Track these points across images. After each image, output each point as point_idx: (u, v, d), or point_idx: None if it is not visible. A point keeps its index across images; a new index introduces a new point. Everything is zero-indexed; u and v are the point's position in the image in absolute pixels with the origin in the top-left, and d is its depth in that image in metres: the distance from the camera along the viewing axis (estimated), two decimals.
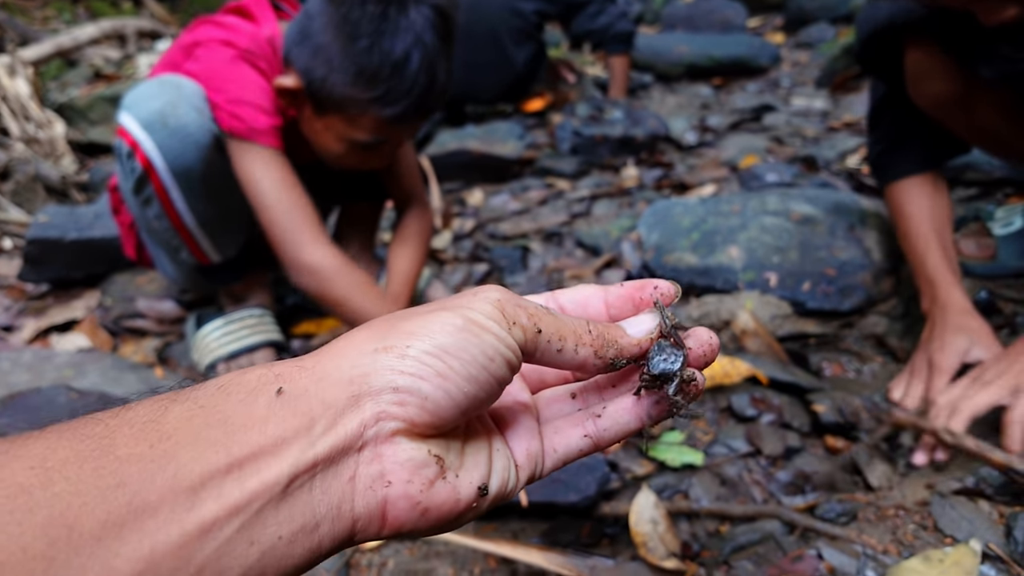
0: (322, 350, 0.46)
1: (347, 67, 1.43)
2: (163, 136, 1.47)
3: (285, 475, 0.39)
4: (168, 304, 2.09)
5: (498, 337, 0.45)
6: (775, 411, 1.48)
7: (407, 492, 0.44)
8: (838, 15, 4.74)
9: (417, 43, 1.43)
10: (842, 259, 1.85)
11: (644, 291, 0.54)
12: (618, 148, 3.09)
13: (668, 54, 4.23)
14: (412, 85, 1.45)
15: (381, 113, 1.47)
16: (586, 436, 0.53)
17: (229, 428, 0.39)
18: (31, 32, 4.62)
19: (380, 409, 0.43)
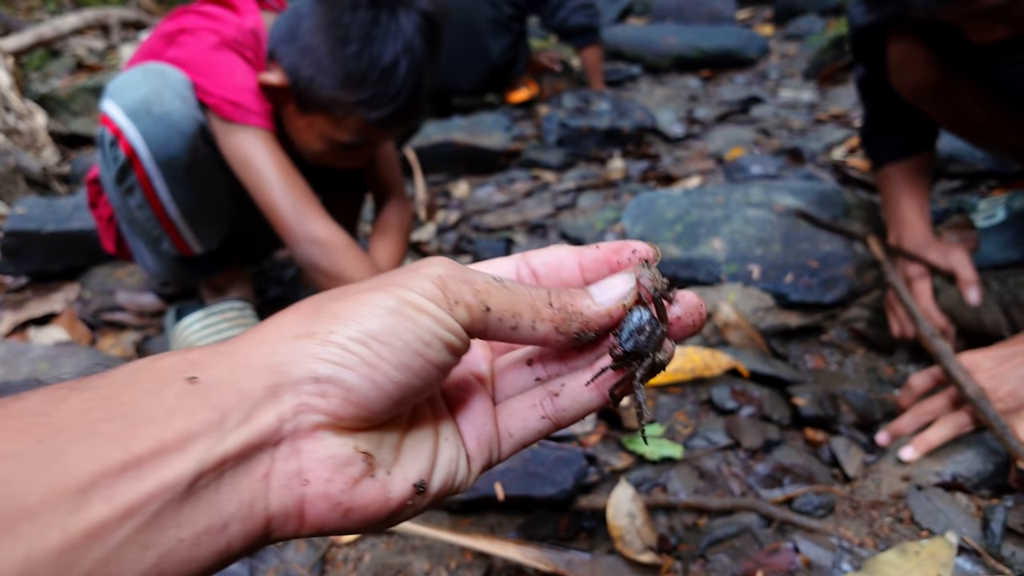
0: (244, 335, 0.42)
1: (335, 70, 1.44)
2: (147, 124, 1.45)
3: (189, 473, 0.35)
4: (148, 297, 2.07)
5: (436, 319, 0.41)
6: (755, 404, 1.47)
7: (327, 492, 0.40)
8: (827, 7, 4.73)
9: (406, 50, 1.44)
10: (825, 251, 1.85)
11: (621, 254, 0.49)
12: (604, 140, 3.08)
13: (656, 45, 4.22)
14: (399, 91, 1.46)
15: (366, 116, 1.48)
16: (544, 418, 0.49)
17: (131, 421, 0.35)
18: (14, 22, 4.57)
19: (300, 401, 0.39)
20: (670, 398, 1.52)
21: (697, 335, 1.71)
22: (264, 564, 1.19)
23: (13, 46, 3.22)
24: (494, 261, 0.51)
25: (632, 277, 0.46)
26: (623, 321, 0.45)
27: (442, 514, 1.26)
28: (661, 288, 0.46)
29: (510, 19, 3.55)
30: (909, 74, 1.60)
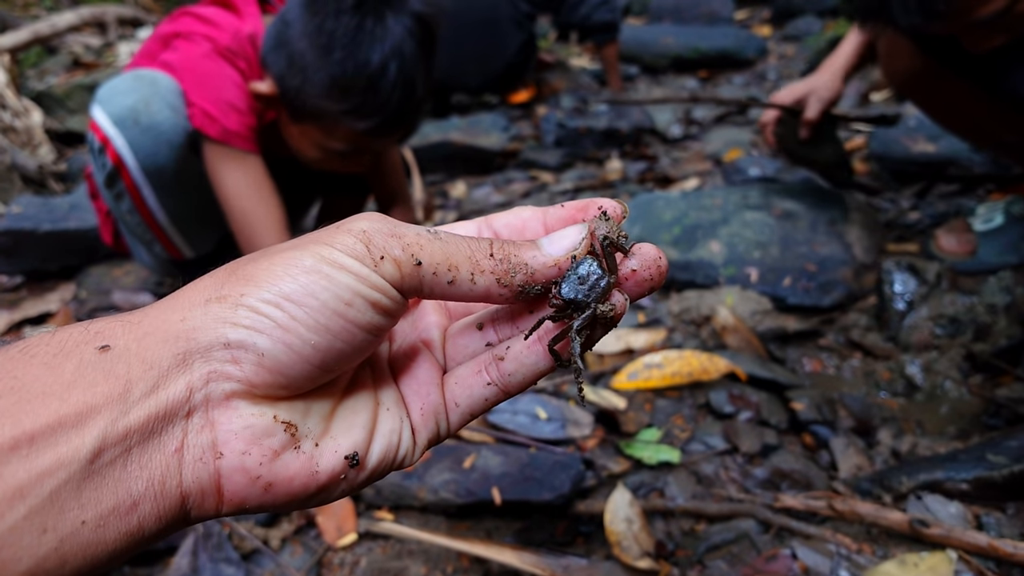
0: (156, 303, 0.39)
1: (321, 78, 1.39)
2: (134, 134, 1.44)
3: (88, 449, 0.33)
4: (144, 297, 2.07)
5: (358, 276, 0.38)
6: (753, 408, 1.47)
7: (243, 465, 0.37)
8: (825, 8, 4.73)
9: (394, 55, 1.38)
10: (823, 254, 1.85)
11: (587, 211, 0.45)
12: (602, 140, 3.07)
13: (654, 46, 4.21)
14: (387, 98, 1.41)
15: (355, 126, 1.44)
16: (490, 384, 0.45)
17: (23, 396, 0.32)
18: (11, 19, 4.55)
19: (211, 368, 0.36)
20: (667, 402, 1.51)
21: (693, 340, 1.71)
22: (260, 568, 1.18)
23: (9, 43, 3.20)
24: (456, 224, 0.48)
25: (584, 228, 0.43)
26: (568, 271, 0.42)
27: (439, 518, 1.26)
28: (619, 242, 0.43)
29: (525, 17, 3.55)
30: (899, 62, 1.66)
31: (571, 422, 1.41)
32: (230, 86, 1.50)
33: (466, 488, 1.22)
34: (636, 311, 1.83)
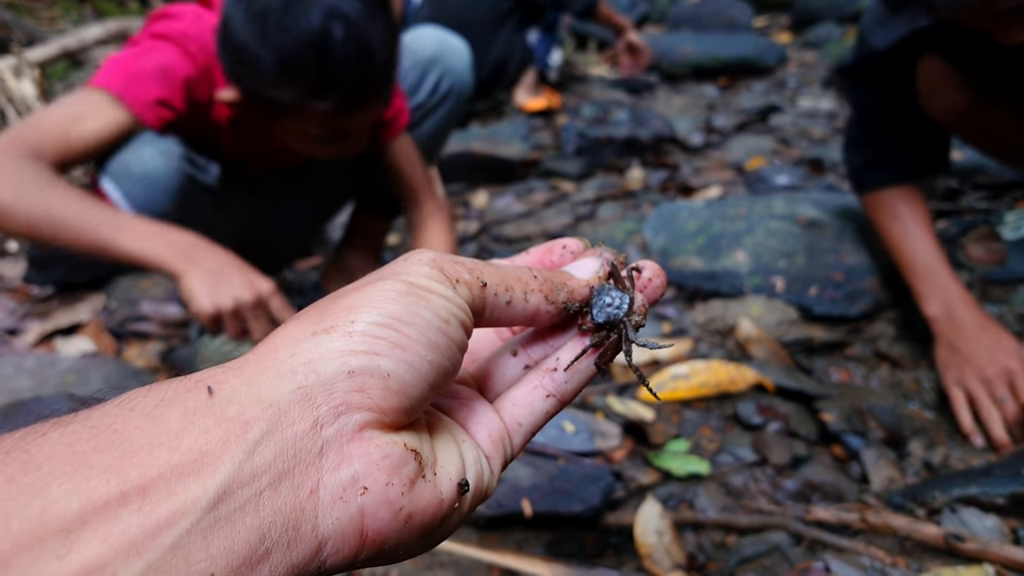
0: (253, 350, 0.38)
1: (267, 64, 1.28)
2: (129, 186, 1.40)
3: (210, 495, 0.31)
4: (172, 307, 2.09)
5: (446, 297, 0.39)
6: (781, 419, 1.46)
7: (388, 497, 0.36)
8: (845, 15, 4.71)
9: (333, 15, 1.26)
10: (850, 264, 1.84)
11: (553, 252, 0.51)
12: (623, 149, 3.08)
13: (674, 54, 4.21)
14: (342, 67, 1.29)
15: (319, 107, 1.33)
16: (549, 396, 0.47)
17: (127, 449, 0.31)
18: (37, 32, 4.62)
19: (338, 401, 0.35)
20: (695, 413, 1.51)
21: (719, 350, 1.71)
22: None
23: (38, 57, 3.26)
24: None
25: (599, 258, 0.49)
26: (593, 300, 0.48)
27: (468, 530, 1.26)
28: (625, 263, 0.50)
29: (508, 13, 3.59)
30: (941, 98, 1.58)
31: (599, 434, 1.42)
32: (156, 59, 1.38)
33: (496, 500, 1.22)
34: (661, 322, 1.83)
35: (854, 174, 1.75)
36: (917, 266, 1.57)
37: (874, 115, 1.73)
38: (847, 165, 1.78)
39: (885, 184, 1.68)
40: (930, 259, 1.56)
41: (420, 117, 1.77)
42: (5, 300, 2.25)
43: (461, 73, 1.77)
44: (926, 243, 1.57)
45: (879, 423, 1.45)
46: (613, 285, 0.48)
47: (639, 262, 0.51)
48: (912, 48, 1.58)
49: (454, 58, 1.72)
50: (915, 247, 1.58)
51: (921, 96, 1.62)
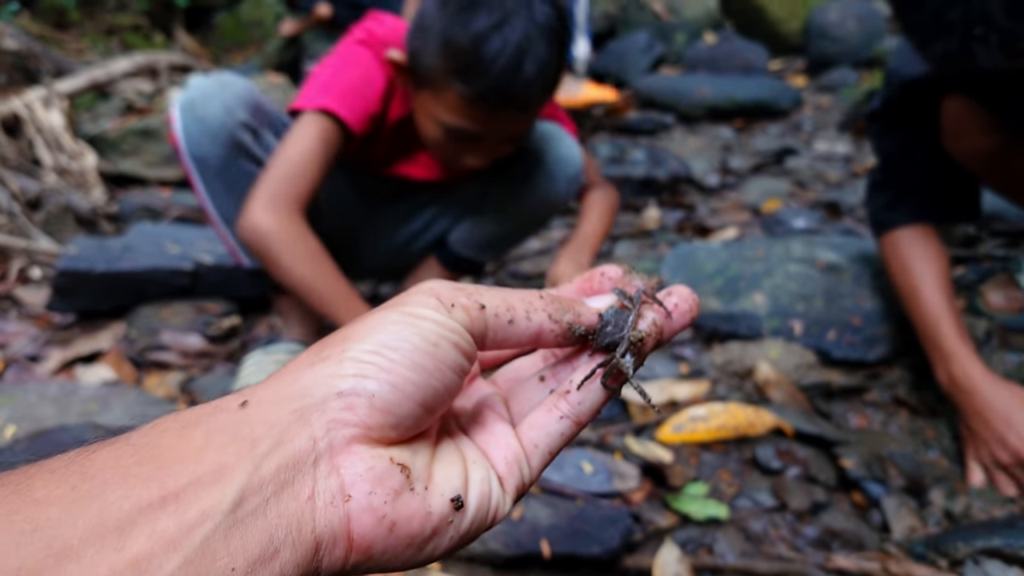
0: (262, 381, 0.43)
1: (435, 34, 1.42)
2: (188, 120, 1.54)
3: (229, 500, 0.36)
4: (193, 337, 2.11)
5: (437, 322, 0.43)
6: (800, 464, 1.46)
7: (371, 504, 0.40)
8: (860, 59, 4.76)
9: (506, 22, 1.38)
10: (868, 308, 1.84)
11: (593, 280, 0.54)
12: (640, 189, 3.10)
13: (690, 95, 4.26)
14: (491, 64, 1.39)
15: (460, 90, 1.43)
16: (563, 417, 0.49)
17: (162, 462, 0.36)
18: (66, 63, 4.73)
19: (329, 418, 0.40)
20: (714, 456, 1.51)
21: (737, 392, 1.71)
22: None
23: (68, 88, 3.34)
24: None
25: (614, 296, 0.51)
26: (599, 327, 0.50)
27: (485, 569, 1.26)
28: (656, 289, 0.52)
29: None
30: (967, 141, 1.53)
31: (617, 475, 1.41)
32: (357, 71, 1.56)
33: (515, 539, 1.22)
34: (679, 362, 1.83)
35: (874, 215, 1.73)
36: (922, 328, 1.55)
37: (899, 158, 1.70)
38: (868, 207, 1.76)
39: (903, 223, 1.65)
40: (933, 317, 1.52)
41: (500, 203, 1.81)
42: (28, 327, 2.28)
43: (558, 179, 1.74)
44: (930, 297, 1.54)
45: (899, 470, 1.44)
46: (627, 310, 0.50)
47: (671, 287, 0.52)
48: (938, 86, 1.55)
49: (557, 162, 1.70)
50: (919, 304, 1.56)
51: (945, 137, 1.58)
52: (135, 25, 6.65)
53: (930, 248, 1.62)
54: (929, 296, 1.55)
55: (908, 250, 1.62)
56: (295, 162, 1.48)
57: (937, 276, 1.57)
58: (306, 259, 1.46)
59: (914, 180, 1.67)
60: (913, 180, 1.67)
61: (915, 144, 1.66)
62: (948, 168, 1.62)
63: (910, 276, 1.59)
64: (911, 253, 1.61)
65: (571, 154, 1.76)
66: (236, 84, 1.59)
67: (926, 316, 1.54)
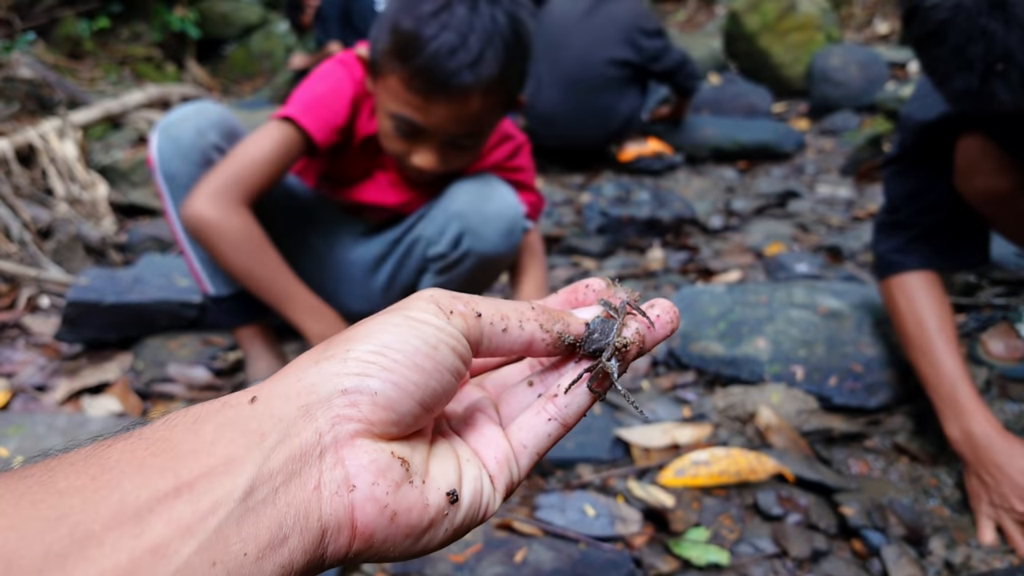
0: (270, 377, 0.46)
1: (387, 23, 1.48)
2: (163, 140, 1.62)
3: (240, 490, 0.38)
4: (199, 370, 2.13)
5: (437, 327, 0.46)
6: (801, 511, 1.47)
7: (373, 494, 0.43)
8: (861, 105, 4.82)
9: (448, 10, 1.42)
10: (869, 355, 1.86)
11: (577, 292, 0.57)
12: (644, 229, 3.14)
13: (694, 136, 4.32)
14: (426, 44, 1.41)
15: (398, 70, 1.46)
16: (551, 419, 0.52)
17: (176, 454, 0.38)
18: (79, 93, 4.80)
19: (334, 414, 0.43)
20: (715, 500, 1.52)
21: (739, 437, 1.72)
22: None
23: (82, 120, 3.39)
24: None
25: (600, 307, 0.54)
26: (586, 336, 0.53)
27: None
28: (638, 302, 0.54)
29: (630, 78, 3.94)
30: (981, 181, 1.51)
31: (619, 519, 1.42)
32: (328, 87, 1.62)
33: None
34: (681, 405, 1.85)
35: (881, 257, 1.72)
36: (933, 380, 1.53)
37: (911, 201, 1.69)
38: (875, 248, 1.75)
39: (912, 268, 1.64)
40: (947, 371, 1.51)
41: (442, 267, 1.75)
42: (35, 356, 2.29)
43: (486, 237, 1.66)
44: (943, 350, 1.53)
45: (899, 519, 1.45)
46: (612, 319, 0.53)
47: (653, 300, 0.55)
48: (954, 128, 1.54)
49: (486, 222, 1.64)
50: (931, 356, 1.54)
51: (958, 176, 1.56)
52: (148, 56, 6.76)
53: (938, 297, 1.61)
54: (942, 350, 1.53)
55: (918, 298, 1.61)
56: (246, 159, 1.54)
57: (949, 329, 1.56)
58: (247, 248, 1.52)
59: (926, 224, 1.66)
60: (925, 224, 1.66)
61: (928, 188, 1.65)
62: (959, 213, 1.61)
63: (922, 327, 1.58)
64: (921, 302, 1.60)
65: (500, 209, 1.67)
66: (211, 110, 1.66)
67: (940, 371, 1.52)
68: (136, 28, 7.01)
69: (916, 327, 1.59)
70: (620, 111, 3.99)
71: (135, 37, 6.95)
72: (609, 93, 3.92)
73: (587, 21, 3.89)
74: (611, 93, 3.93)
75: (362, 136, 1.71)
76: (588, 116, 3.96)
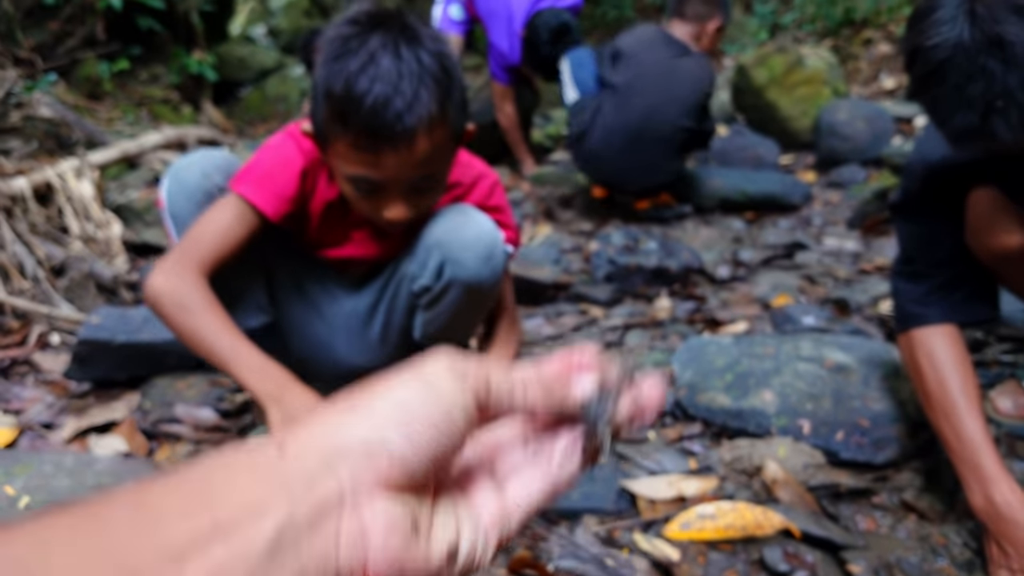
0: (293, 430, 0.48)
1: (320, 90, 1.47)
2: (171, 183, 1.68)
3: (270, 534, 0.40)
4: (206, 411, 2.13)
5: (451, 389, 0.48)
6: (808, 568, 1.45)
7: (385, 546, 0.45)
8: (868, 158, 4.86)
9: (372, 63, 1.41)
10: (876, 410, 1.86)
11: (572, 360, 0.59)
12: (652, 278, 3.15)
13: (703, 186, 4.36)
14: (360, 103, 1.40)
15: (342, 135, 1.46)
16: (544, 482, 0.55)
17: (211, 494, 0.41)
18: (97, 133, 4.90)
19: (354, 465, 0.45)
20: (721, 555, 1.50)
21: (745, 490, 1.71)
22: None
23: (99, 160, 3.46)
24: None
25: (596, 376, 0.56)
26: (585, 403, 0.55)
27: None
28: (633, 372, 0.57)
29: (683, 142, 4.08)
30: (993, 237, 1.48)
31: (625, 571, 1.41)
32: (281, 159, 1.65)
33: None
34: (687, 457, 1.84)
35: (900, 308, 1.68)
36: (955, 445, 1.50)
37: (924, 251, 1.66)
38: (894, 299, 1.71)
39: (930, 321, 1.61)
40: (970, 436, 1.48)
41: (429, 302, 1.76)
42: (44, 393, 2.31)
43: (466, 263, 1.65)
44: (966, 412, 1.50)
45: None
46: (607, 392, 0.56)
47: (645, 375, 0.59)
48: (965, 175, 1.52)
49: (464, 247, 1.65)
50: (953, 419, 1.50)
51: (969, 232, 1.53)
52: (165, 98, 6.89)
53: (960, 354, 1.58)
54: (965, 413, 1.50)
55: (939, 355, 1.58)
56: (200, 233, 1.59)
57: (971, 389, 1.53)
58: (190, 309, 1.53)
59: (945, 276, 1.62)
60: (943, 276, 1.62)
61: (941, 236, 1.62)
62: (975, 264, 1.58)
63: (944, 387, 1.54)
64: (943, 359, 1.57)
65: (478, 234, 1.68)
66: (216, 155, 1.72)
67: (962, 435, 1.49)
68: (155, 70, 7.16)
69: (937, 386, 1.56)
70: (665, 170, 4.09)
71: (153, 79, 7.10)
72: (660, 151, 4.01)
73: (667, 78, 3.99)
74: (662, 152, 4.02)
75: (323, 202, 1.73)
76: (636, 167, 4.04)
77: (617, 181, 4.22)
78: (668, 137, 4.00)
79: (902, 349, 1.70)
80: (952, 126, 1.25)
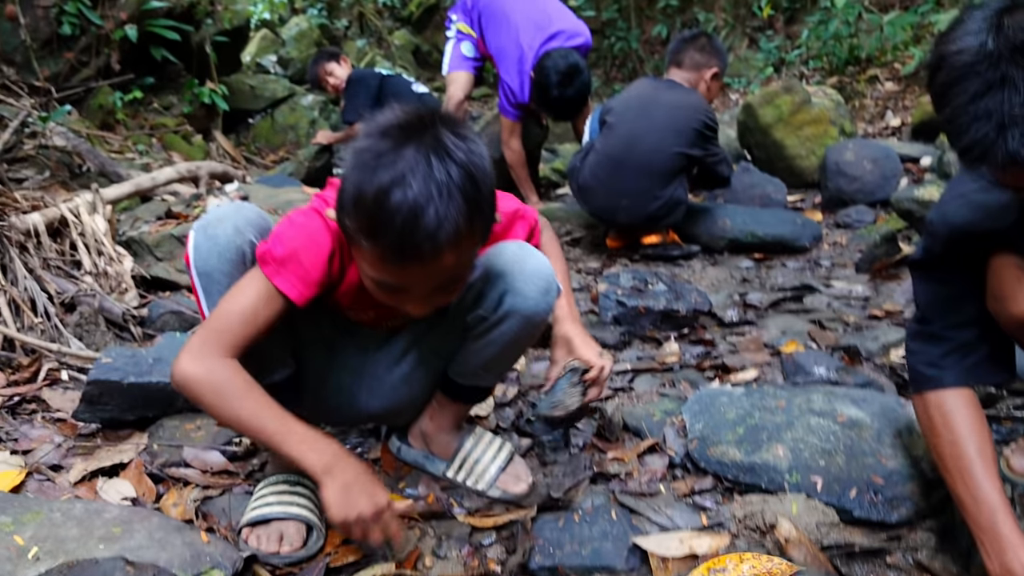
0: None
1: (349, 194, 1.45)
2: (200, 239, 1.64)
3: None
4: (214, 455, 2.13)
5: None
6: None
7: None
8: (875, 199, 4.88)
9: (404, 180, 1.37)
10: (890, 467, 1.84)
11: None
12: (660, 321, 3.15)
13: (712, 227, 4.37)
14: (391, 221, 1.38)
15: (368, 248, 1.45)
16: None
17: None
18: (109, 162, 4.94)
19: None
20: None
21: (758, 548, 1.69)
22: None
23: (113, 195, 3.49)
24: None
25: None
26: None
27: None
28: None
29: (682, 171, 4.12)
30: (1015, 306, 1.47)
31: None
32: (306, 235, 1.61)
33: None
34: (699, 512, 1.83)
35: (913, 369, 1.67)
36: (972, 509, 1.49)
37: (942, 313, 1.64)
38: (908, 359, 1.70)
39: (945, 384, 1.60)
40: (986, 500, 1.46)
41: (482, 331, 1.78)
42: (52, 432, 2.30)
43: (529, 296, 1.70)
44: (983, 477, 1.48)
45: None
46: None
47: None
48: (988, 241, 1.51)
49: (526, 280, 1.69)
50: (969, 483, 1.49)
51: (990, 298, 1.52)
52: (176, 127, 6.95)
53: (976, 417, 1.57)
54: (981, 477, 1.49)
55: (955, 419, 1.57)
56: (231, 315, 1.57)
57: (988, 453, 1.52)
58: (229, 397, 1.54)
59: (961, 339, 1.61)
60: (960, 339, 1.61)
61: (960, 299, 1.61)
62: (993, 328, 1.57)
63: (959, 450, 1.54)
64: (958, 422, 1.56)
65: (537, 267, 1.72)
66: (249, 209, 1.69)
67: (978, 500, 1.47)
68: (166, 100, 7.24)
69: (952, 449, 1.55)
70: (658, 198, 4.10)
71: (165, 108, 7.18)
72: (648, 179, 4.06)
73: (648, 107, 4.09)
74: (650, 180, 4.06)
75: (351, 283, 1.71)
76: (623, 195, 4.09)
77: (608, 211, 4.24)
78: (657, 164, 4.03)
79: (917, 411, 1.69)
80: (967, 140, 1.21)
